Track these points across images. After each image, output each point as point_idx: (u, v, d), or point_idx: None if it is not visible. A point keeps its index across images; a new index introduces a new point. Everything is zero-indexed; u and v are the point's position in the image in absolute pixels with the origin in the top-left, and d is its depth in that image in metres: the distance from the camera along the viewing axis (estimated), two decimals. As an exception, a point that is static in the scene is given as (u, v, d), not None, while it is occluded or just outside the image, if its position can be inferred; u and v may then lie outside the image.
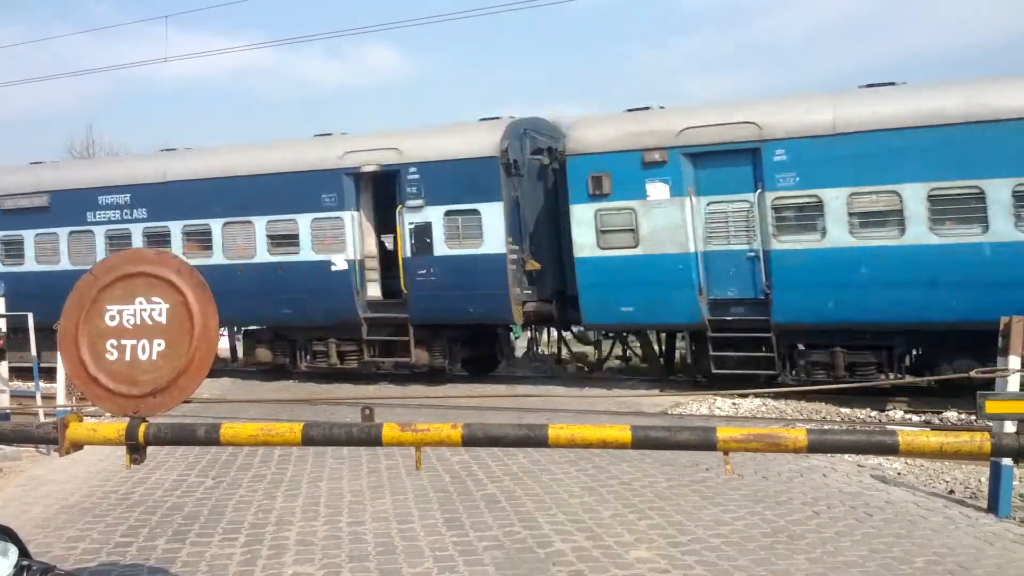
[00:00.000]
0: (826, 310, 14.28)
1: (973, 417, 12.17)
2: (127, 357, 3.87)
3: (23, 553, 1.65)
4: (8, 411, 11.68)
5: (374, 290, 18.01)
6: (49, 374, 14.78)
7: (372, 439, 3.73)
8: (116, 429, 3.87)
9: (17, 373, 15.31)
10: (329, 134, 19.19)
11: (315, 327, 18.18)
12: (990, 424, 6.21)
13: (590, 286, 15.81)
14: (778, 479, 8.62)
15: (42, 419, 11.70)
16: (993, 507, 7.52)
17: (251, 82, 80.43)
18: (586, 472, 8.98)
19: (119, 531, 7.28)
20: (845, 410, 13.95)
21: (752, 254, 14.83)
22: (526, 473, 8.98)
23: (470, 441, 3.70)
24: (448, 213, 16.82)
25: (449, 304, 16.89)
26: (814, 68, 73.18)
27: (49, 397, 13.00)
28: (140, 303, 3.89)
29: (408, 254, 17.06)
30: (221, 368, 19.99)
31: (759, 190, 14.59)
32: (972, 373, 4.38)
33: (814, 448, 3.47)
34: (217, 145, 21.57)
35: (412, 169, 17.04)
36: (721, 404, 14.32)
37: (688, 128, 15.14)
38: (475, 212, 16.62)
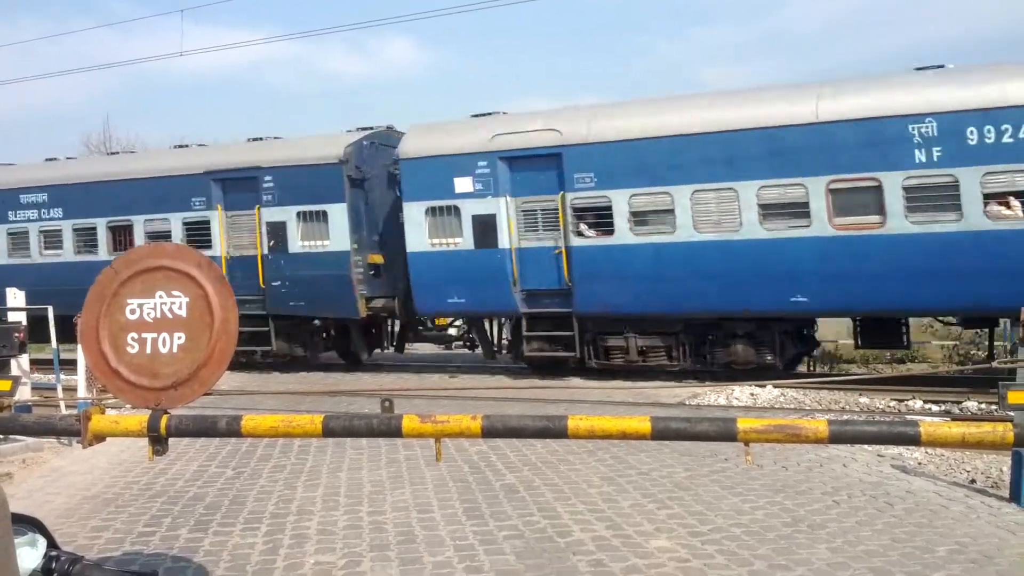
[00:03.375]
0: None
1: (994, 407, 12.09)
2: (148, 350, 3.89)
3: (51, 544, 1.67)
4: (30, 403, 11.80)
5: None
6: (68, 366, 14.90)
7: (392, 430, 3.74)
8: (138, 421, 3.90)
9: (38, 365, 15.46)
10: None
11: None
12: (1011, 414, 6.18)
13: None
14: (798, 469, 8.60)
15: (63, 411, 11.81)
16: (1015, 496, 7.47)
17: (268, 75, 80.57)
18: (604, 462, 8.98)
19: (142, 521, 7.34)
20: (864, 400, 13.90)
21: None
22: (544, 463, 8.99)
23: (490, 432, 3.70)
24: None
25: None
26: (832, 57, 72.59)
27: (70, 389, 13.10)
28: (160, 297, 3.91)
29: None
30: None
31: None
32: (995, 364, 4.35)
33: (835, 439, 3.45)
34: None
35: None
36: (739, 394, 14.30)
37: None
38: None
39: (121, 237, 20.51)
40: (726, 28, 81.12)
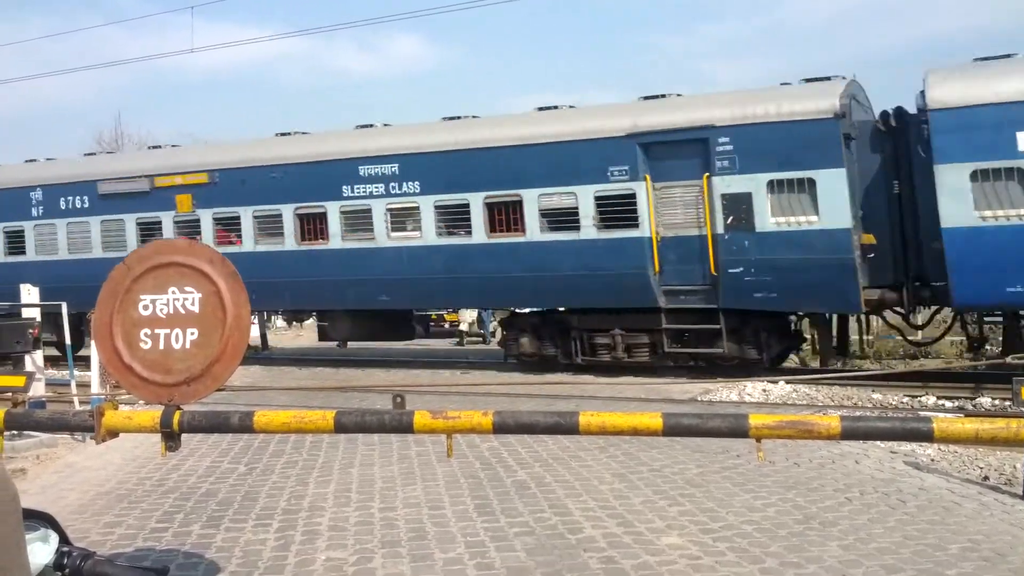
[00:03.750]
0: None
1: (1008, 403, 12.05)
2: (161, 346, 3.91)
3: (63, 539, 1.68)
4: (44, 399, 11.86)
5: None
6: (82, 362, 14.99)
7: (404, 426, 3.75)
8: (151, 417, 3.92)
9: (51, 360, 15.55)
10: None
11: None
12: (1025, 410, 6.14)
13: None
14: (810, 465, 8.58)
15: (77, 407, 11.87)
16: (1029, 494, 7.44)
17: (278, 72, 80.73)
18: (616, 459, 8.98)
19: (154, 517, 7.37)
20: (877, 396, 13.85)
21: None
22: (556, 460, 8.99)
23: (501, 428, 3.71)
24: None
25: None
26: (837, 51, 72.32)
27: (83, 385, 13.17)
28: (173, 293, 3.93)
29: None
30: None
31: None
32: (1009, 359, 4.33)
33: (847, 435, 3.45)
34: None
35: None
36: (751, 390, 14.26)
37: None
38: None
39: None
40: (731, 24, 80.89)
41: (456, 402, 12.44)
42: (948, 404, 13.21)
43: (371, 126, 19.44)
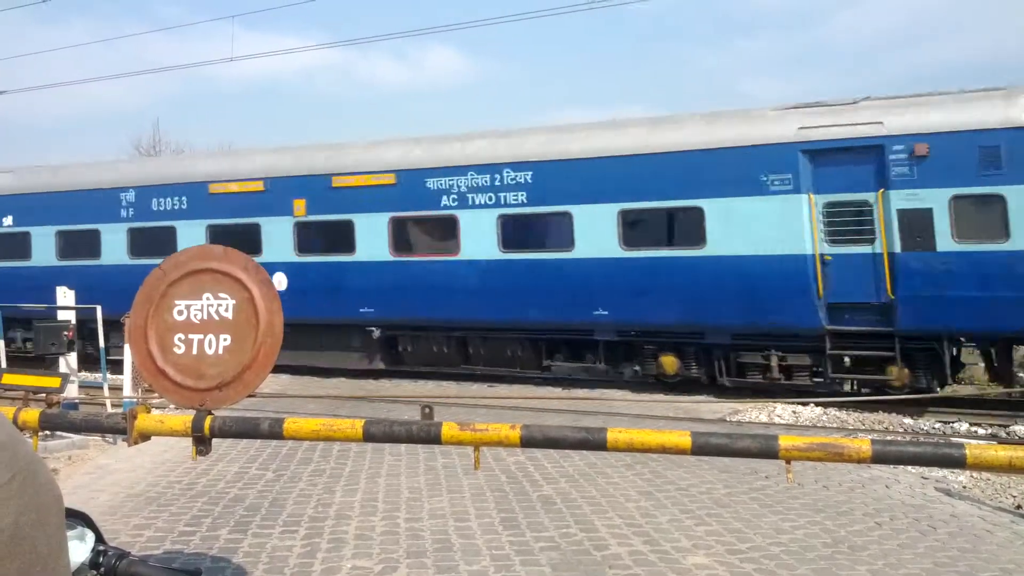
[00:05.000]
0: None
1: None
2: (194, 351, 3.96)
3: (99, 538, 1.70)
4: (77, 401, 12.02)
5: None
6: (114, 365, 15.16)
7: (432, 437, 3.77)
8: (183, 421, 3.97)
9: (84, 363, 15.74)
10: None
11: None
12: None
13: None
14: (839, 489, 8.49)
15: (109, 409, 12.01)
16: (1063, 524, 7.31)
17: (314, 82, 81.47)
18: (642, 476, 8.93)
19: (183, 520, 7.43)
20: (909, 421, 13.69)
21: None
22: (582, 475, 8.97)
23: (528, 442, 3.71)
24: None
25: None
26: (880, 71, 71.74)
27: (116, 388, 13.33)
28: (207, 298, 3.98)
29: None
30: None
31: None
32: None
33: (878, 459, 3.42)
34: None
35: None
36: (781, 412, 14.14)
37: None
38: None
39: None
40: (769, 40, 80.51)
41: (483, 415, 12.44)
42: (981, 431, 13.03)
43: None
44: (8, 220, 21.82)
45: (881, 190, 13.95)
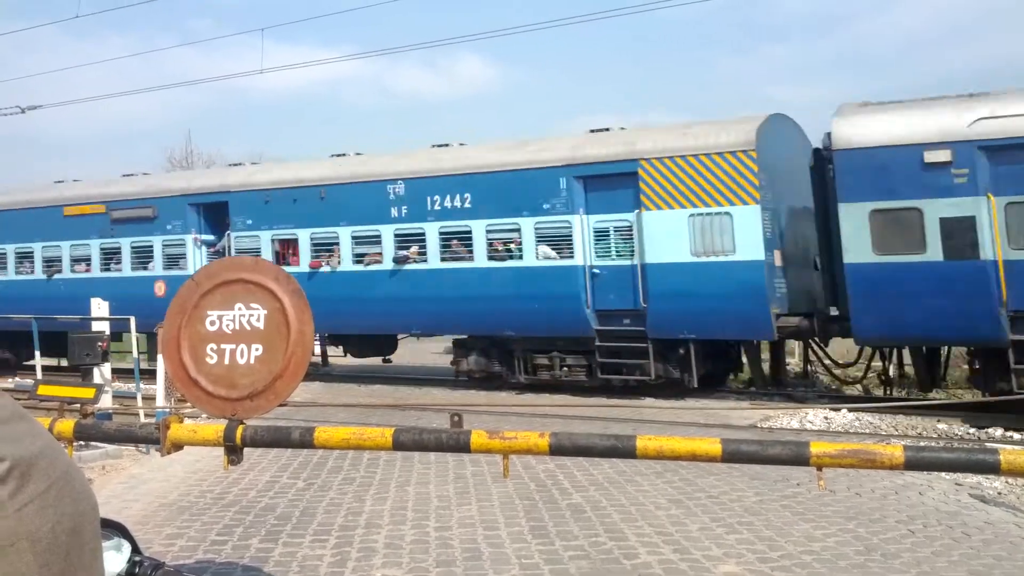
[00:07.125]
0: None
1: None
2: (226, 361, 3.99)
3: (135, 549, 1.73)
4: (111, 411, 12.15)
5: None
6: (147, 376, 15.31)
7: (461, 446, 3.78)
8: (215, 430, 4.00)
9: (117, 374, 15.90)
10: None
11: None
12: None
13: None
14: (872, 496, 8.41)
15: (143, 419, 12.13)
16: (1102, 531, 7.20)
17: (344, 93, 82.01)
18: (672, 484, 8.89)
19: (215, 530, 7.49)
20: (943, 426, 13.53)
21: None
22: (611, 483, 8.94)
23: (557, 450, 3.71)
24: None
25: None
26: (911, 75, 71.08)
27: (148, 398, 13.46)
28: (239, 309, 4.02)
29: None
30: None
31: None
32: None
33: (911, 465, 3.39)
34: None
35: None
36: (812, 418, 14.03)
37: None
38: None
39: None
40: (797, 45, 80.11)
41: (513, 423, 12.44)
42: (1016, 436, 12.85)
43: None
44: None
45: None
